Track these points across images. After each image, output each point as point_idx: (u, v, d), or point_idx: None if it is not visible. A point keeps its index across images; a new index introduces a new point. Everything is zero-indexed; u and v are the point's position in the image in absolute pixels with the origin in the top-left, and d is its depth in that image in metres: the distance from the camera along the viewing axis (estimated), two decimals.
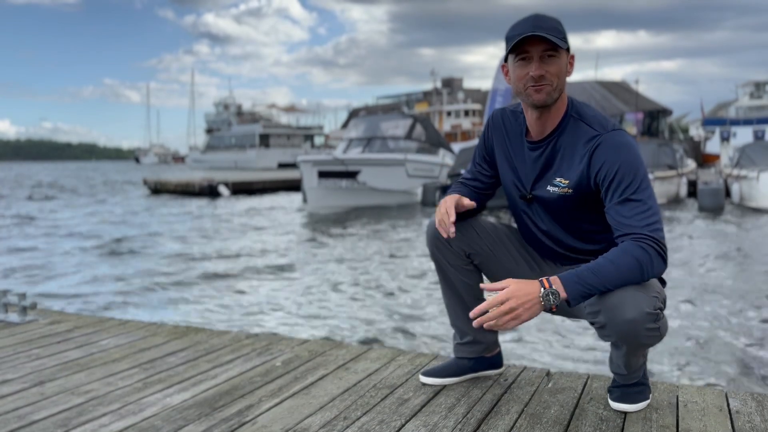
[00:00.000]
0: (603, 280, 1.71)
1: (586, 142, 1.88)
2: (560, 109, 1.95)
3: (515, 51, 1.86)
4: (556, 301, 1.71)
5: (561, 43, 1.82)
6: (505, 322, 1.70)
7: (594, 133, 1.88)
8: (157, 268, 9.18)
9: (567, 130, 1.94)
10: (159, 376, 2.43)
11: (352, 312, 6.39)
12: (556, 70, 1.86)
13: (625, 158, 1.82)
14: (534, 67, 1.84)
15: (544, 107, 1.91)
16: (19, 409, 2.12)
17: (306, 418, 1.99)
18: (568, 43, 1.88)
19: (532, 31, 1.81)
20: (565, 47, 1.86)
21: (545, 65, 1.85)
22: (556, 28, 1.85)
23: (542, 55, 1.84)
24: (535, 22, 1.84)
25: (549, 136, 1.96)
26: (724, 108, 53.01)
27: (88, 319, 3.43)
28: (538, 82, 1.85)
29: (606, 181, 1.83)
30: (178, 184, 26.82)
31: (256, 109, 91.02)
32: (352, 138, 21.08)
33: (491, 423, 1.92)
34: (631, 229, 1.76)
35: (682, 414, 1.95)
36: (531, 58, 1.85)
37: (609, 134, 1.87)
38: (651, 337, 1.77)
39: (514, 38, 1.84)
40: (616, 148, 1.84)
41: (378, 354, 2.66)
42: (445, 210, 2.03)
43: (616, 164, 1.82)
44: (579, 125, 1.92)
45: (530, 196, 2.03)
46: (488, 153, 2.17)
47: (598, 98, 30.17)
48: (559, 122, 1.95)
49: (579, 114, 1.94)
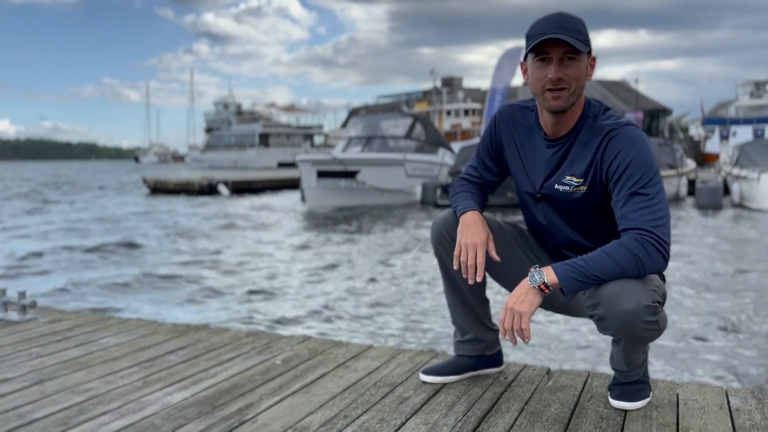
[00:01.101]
0: (594, 269, 1.73)
1: (601, 137, 1.87)
2: (576, 112, 1.92)
3: (535, 51, 1.83)
4: (541, 279, 1.75)
5: (582, 46, 1.79)
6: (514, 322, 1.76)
7: (608, 128, 1.87)
8: (157, 267, 9.18)
9: (583, 131, 1.91)
10: (159, 375, 2.43)
11: (352, 310, 6.39)
12: (575, 74, 1.82)
13: (638, 152, 1.81)
14: (553, 70, 1.80)
15: (562, 112, 1.88)
16: (19, 407, 2.12)
17: (306, 417, 1.99)
18: (590, 45, 1.84)
19: (554, 33, 1.76)
20: (587, 51, 1.82)
21: (564, 68, 1.81)
22: (579, 29, 1.80)
23: (562, 57, 1.80)
24: (558, 23, 1.79)
25: (565, 137, 1.94)
26: (724, 107, 53.02)
27: (87, 318, 3.42)
28: (556, 85, 1.81)
29: (617, 174, 1.82)
30: (177, 184, 26.82)
31: (255, 109, 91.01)
32: (351, 137, 21.07)
33: (491, 421, 1.92)
34: (634, 224, 1.75)
35: (683, 412, 1.95)
36: (550, 59, 1.81)
37: (623, 128, 1.85)
38: (649, 331, 1.77)
39: (535, 38, 1.80)
40: (631, 141, 1.82)
41: (378, 352, 2.66)
42: (475, 253, 1.96)
43: (629, 157, 1.80)
44: (594, 125, 1.90)
45: (539, 195, 2.01)
46: (495, 149, 2.14)
47: (598, 98, 29.94)
48: (575, 124, 1.92)
49: (594, 114, 1.92)
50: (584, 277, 1.73)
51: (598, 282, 1.74)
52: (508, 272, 2.14)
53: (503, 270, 2.15)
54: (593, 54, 1.90)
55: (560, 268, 1.75)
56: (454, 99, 60.84)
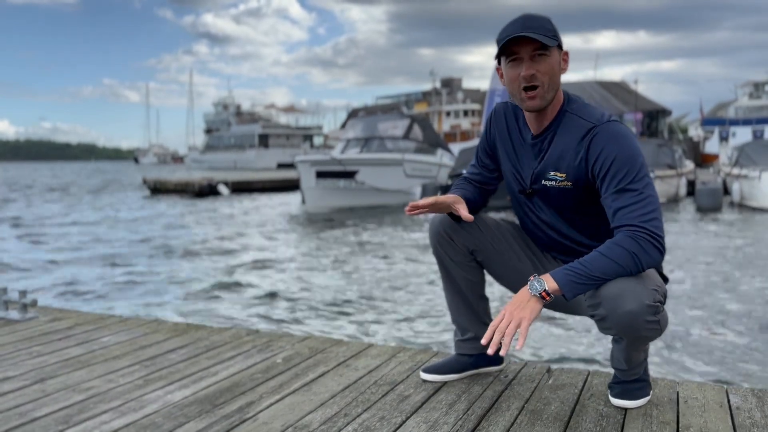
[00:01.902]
0: (593, 270, 1.73)
1: (583, 134, 1.89)
2: (555, 107, 1.95)
3: (505, 53, 1.88)
4: (541, 287, 1.73)
5: (549, 41, 1.82)
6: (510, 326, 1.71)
7: (590, 125, 1.89)
8: (158, 266, 9.18)
9: (562, 125, 1.94)
10: (160, 373, 2.43)
11: (352, 309, 6.40)
12: (547, 69, 1.86)
13: (621, 148, 1.82)
14: (524, 68, 1.85)
15: (540, 111, 1.93)
16: (20, 406, 2.12)
17: (307, 415, 1.99)
18: (560, 39, 1.88)
19: (519, 32, 1.81)
20: (555, 44, 1.86)
21: (535, 65, 1.85)
22: (545, 26, 1.84)
23: (532, 54, 1.84)
24: (524, 23, 1.84)
25: (545, 131, 1.98)
26: (724, 108, 53.08)
27: (88, 317, 3.42)
28: (530, 82, 1.86)
29: (602, 171, 1.83)
30: (177, 184, 26.82)
31: (255, 110, 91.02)
32: (350, 138, 21.08)
33: (492, 419, 1.92)
34: (626, 220, 1.77)
35: (683, 410, 1.96)
36: (521, 58, 1.86)
37: (605, 125, 1.87)
38: (651, 330, 1.77)
39: (503, 40, 1.85)
40: (613, 137, 1.84)
41: (378, 351, 2.66)
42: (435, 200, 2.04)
43: (612, 154, 1.82)
44: (574, 119, 1.92)
45: (530, 190, 2.03)
46: (490, 147, 2.18)
47: (597, 98, 30.24)
48: (554, 118, 1.96)
49: (574, 109, 1.95)
50: (584, 279, 1.73)
51: (599, 282, 1.74)
52: (507, 272, 2.16)
53: (503, 270, 2.16)
54: (565, 49, 1.93)
55: (559, 273, 1.74)
56: (454, 100, 60.89)
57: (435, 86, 63.15)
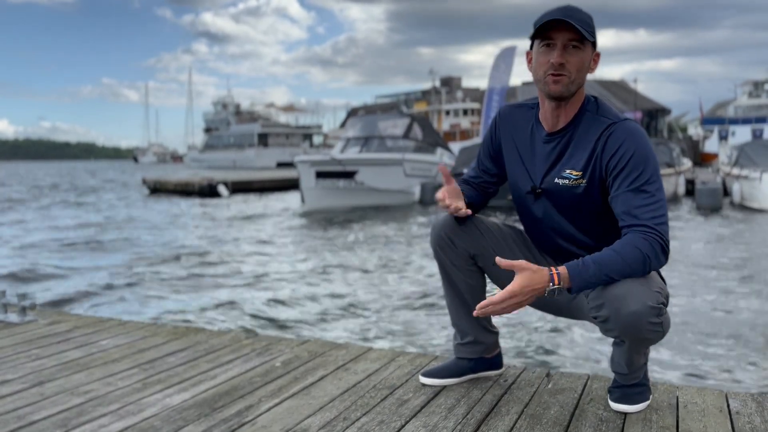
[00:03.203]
0: (607, 271, 1.73)
1: (600, 131, 1.87)
2: (576, 104, 1.93)
3: (540, 36, 1.85)
4: (560, 296, 1.75)
5: (588, 35, 1.81)
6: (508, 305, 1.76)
7: (608, 122, 1.88)
8: (158, 268, 9.17)
9: (582, 124, 1.92)
10: (159, 377, 2.43)
11: (351, 312, 6.39)
12: (578, 62, 1.84)
13: (638, 146, 1.82)
14: (556, 55, 1.82)
15: (560, 99, 1.89)
16: (18, 409, 2.12)
17: (306, 419, 1.99)
18: (596, 38, 1.86)
19: (560, 17, 1.79)
20: (592, 41, 1.84)
21: (567, 55, 1.83)
22: (585, 20, 1.83)
23: (566, 44, 1.82)
24: (566, 11, 1.82)
25: (563, 129, 1.95)
26: (723, 107, 53.07)
27: (87, 320, 3.42)
28: (557, 71, 1.83)
29: (617, 168, 1.82)
30: (177, 184, 26.81)
31: (254, 109, 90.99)
32: (350, 137, 21.07)
33: (491, 424, 1.92)
34: (639, 220, 1.76)
35: (682, 415, 1.95)
36: (555, 45, 1.83)
37: (622, 122, 1.86)
38: (653, 332, 1.77)
39: (540, 22, 1.82)
40: (631, 135, 1.83)
41: (378, 354, 2.66)
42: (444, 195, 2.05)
43: (630, 152, 1.81)
44: (593, 119, 1.91)
45: (539, 189, 2.00)
46: (495, 149, 2.15)
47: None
48: (574, 116, 1.94)
49: (593, 109, 1.93)
50: (597, 280, 1.73)
51: (606, 281, 1.74)
52: (507, 275, 2.14)
53: (502, 273, 2.14)
54: (598, 50, 1.91)
55: (576, 276, 1.74)
56: (453, 99, 60.86)
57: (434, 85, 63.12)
